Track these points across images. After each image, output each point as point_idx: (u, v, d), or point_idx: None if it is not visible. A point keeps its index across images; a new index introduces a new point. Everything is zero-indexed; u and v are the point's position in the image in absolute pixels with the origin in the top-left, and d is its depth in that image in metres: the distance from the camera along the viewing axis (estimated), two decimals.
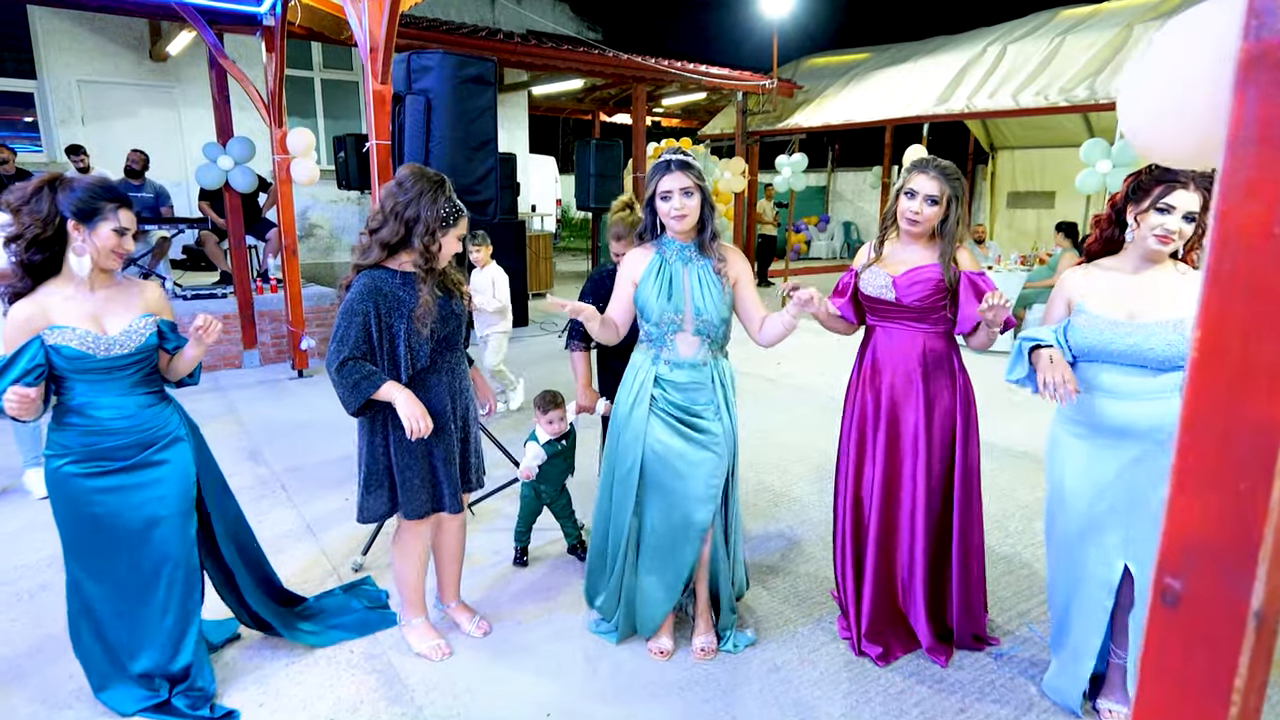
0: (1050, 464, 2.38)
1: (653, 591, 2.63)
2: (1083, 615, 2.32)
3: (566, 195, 17.71)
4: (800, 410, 5.59)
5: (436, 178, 2.36)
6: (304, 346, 6.23)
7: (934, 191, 2.43)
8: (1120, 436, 2.16)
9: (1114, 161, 6.17)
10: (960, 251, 2.52)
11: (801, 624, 2.90)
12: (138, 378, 2.23)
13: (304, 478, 4.20)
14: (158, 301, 2.32)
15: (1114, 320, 2.11)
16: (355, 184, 6.98)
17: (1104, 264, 2.24)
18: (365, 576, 3.12)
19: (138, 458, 2.23)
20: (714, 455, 2.51)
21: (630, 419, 2.54)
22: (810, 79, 10.44)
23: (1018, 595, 3.13)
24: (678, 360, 2.50)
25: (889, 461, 2.61)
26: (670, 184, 2.40)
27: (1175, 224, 2.01)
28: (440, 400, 2.45)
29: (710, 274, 2.48)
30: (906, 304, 2.51)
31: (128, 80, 8.21)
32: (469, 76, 3.09)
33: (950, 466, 2.61)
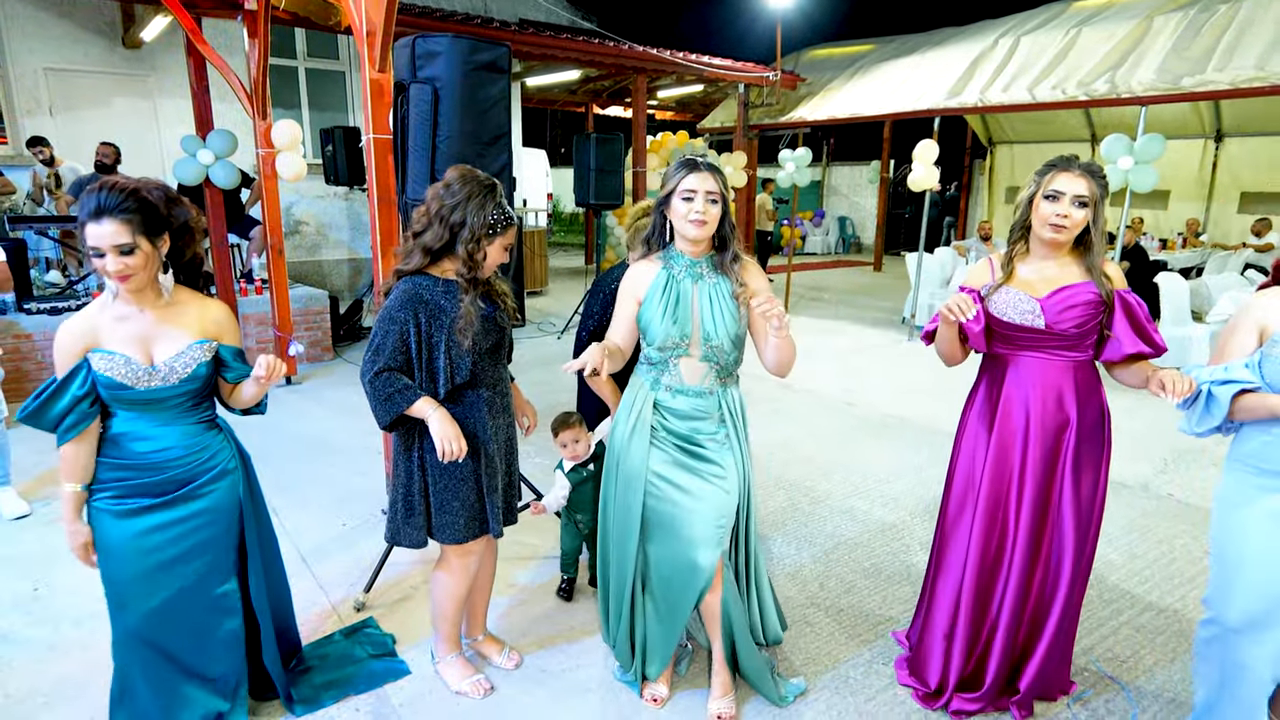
0: (1226, 523, 2.00)
1: (655, 636, 2.37)
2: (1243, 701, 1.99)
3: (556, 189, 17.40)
4: (819, 420, 5.33)
5: (488, 182, 2.16)
6: (292, 352, 5.89)
7: (1084, 191, 2.07)
8: None
9: (1136, 158, 5.95)
10: (1106, 264, 2.17)
11: (852, 666, 2.64)
12: (184, 408, 2.01)
13: (296, 500, 3.89)
14: (220, 324, 2.07)
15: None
16: (344, 179, 6.65)
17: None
18: (368, 618, 2.82)
19: (178, 493, 2.01)
20: (720, 491, 2.21)
21: (629, 449, 2.24)
22: (813, 71, 10.17)
23: (1081, 628, 2.89)
24: (680, 387, 2.20)
25: (1036, 515, 2.26)
26: (696, 184, 2.09)
27: None
28: (479, 419, 2.23)
29: (724, 295, 2.17)
30: (1060, 330, 2.15)
31: (99, 69, 7.79)
32: (481, 63, 2.79)
33: (1091, 509, 2.27)
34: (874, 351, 7.16)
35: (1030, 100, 7.00)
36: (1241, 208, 10.98)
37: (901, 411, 5.50)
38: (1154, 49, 6.41)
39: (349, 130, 6.59)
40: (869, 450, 4.75)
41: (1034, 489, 2.24)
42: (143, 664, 2.06)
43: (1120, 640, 2.83)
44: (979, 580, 2.33)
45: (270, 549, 2.31)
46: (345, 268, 9.32)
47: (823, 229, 17.14)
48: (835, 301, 10.34)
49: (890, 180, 14.37)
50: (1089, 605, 3.05)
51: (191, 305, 2.02)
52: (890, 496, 4.06)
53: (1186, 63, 6.12)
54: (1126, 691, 2.52)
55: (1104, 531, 3.66)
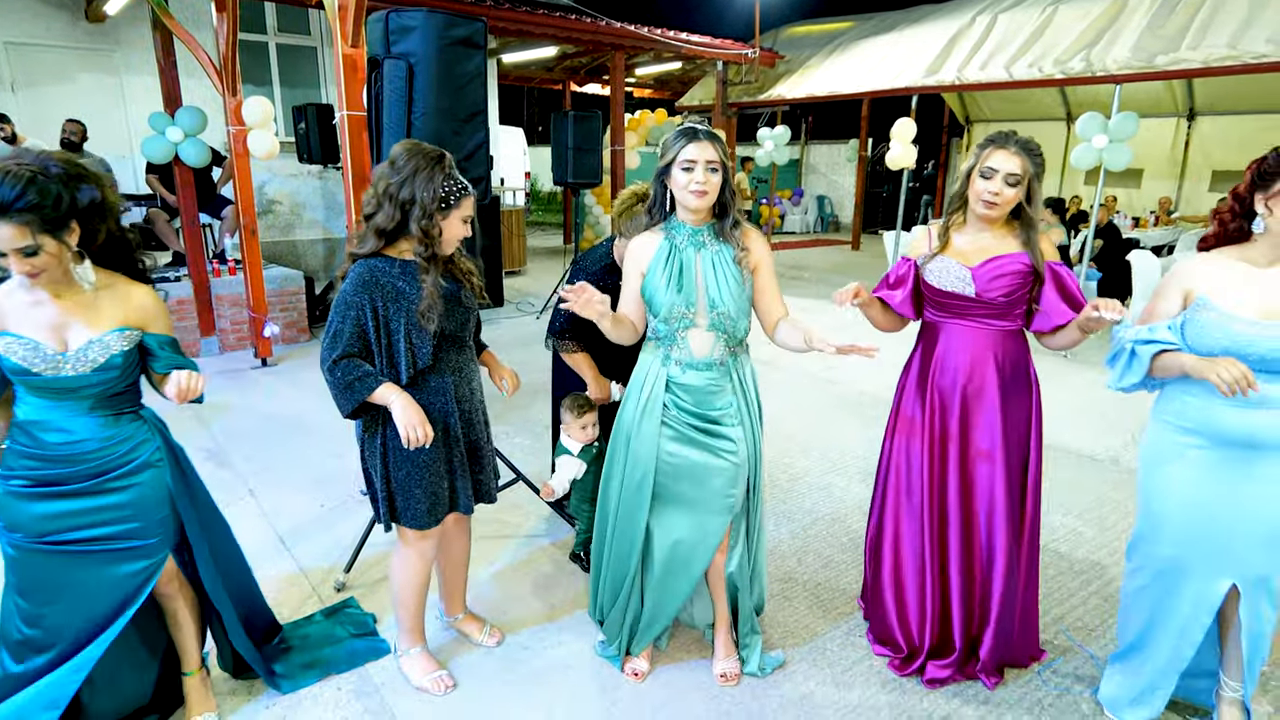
0: (1150, 478, 2.12)
1: (653, 609, 2.39)
2: (1171, 640, 2.11)
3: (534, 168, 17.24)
4: (800, 396, 5.38)
5: (434, 153, 2.08)
6: (267, 333, 5.81)
7: (1016, 169, 2.13)
8: (1247, 448, 1.92)
9: (1111, 136, 6.00)
10: (1043, 238, 2.24)
11: (829, 638, 2.69)
12: (100, 398, 1.87)
13: (274, 481, 3.86)
14: (145, 310, 1.91)
15: (1249, 319, 1.85)
16: (317, 157, 6.53)
17: (1229, 254, 1.97)
18: (348, 598, 2.82)
19: (89, 484, 1.88)
20: (731, 465, 2.23)
21: (640, 428, 2.25)
22: (791, 48, 10.13)
23: (1051, 599, 2.96)
24: (690, 360, 2.20)
25: (964, 476, 2.35)
26: (695, 153, 2.08)
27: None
28: (444, 403, 2.19)
29: (727, 262, 2.18)
30: (989, 299, 2.22)
31: (61, 43, 7.56)
32: (457, 38, 2.74)
33: (1025, 473, 2.35)
34: (852, 329, 7.21)
35: (1007, 78, 7.03)
36: (1213, 186, 11.15)
37: (879, 389, 5.55)
38: (1129, 27, 6.45)
39: (322, 107, 6.47)
40: (848, 427, 4.80)
41: (958, 452, 2.33)
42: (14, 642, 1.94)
43: (1090, 610, 2.90)
44: (918, 543, 2.43)
45: (219, 536, 2.23)
46: (320, 248, 9.20)
47: (801, 208, 17.15)
48: (814, 280, 10.37)
49: (868, 159, 14.39)
50: (1060, 576, 3.12)
51: (115, 291, 1.87)
52: (868, 472, 4.10)
53: (1161, 41, 6.17)
54: (1095, 659, 2.59)
55: (1074, 504, 3.76)
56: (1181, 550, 2.05)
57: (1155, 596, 2.14)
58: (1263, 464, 1.92)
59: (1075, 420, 4.93)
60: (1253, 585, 1.99)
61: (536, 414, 4.86)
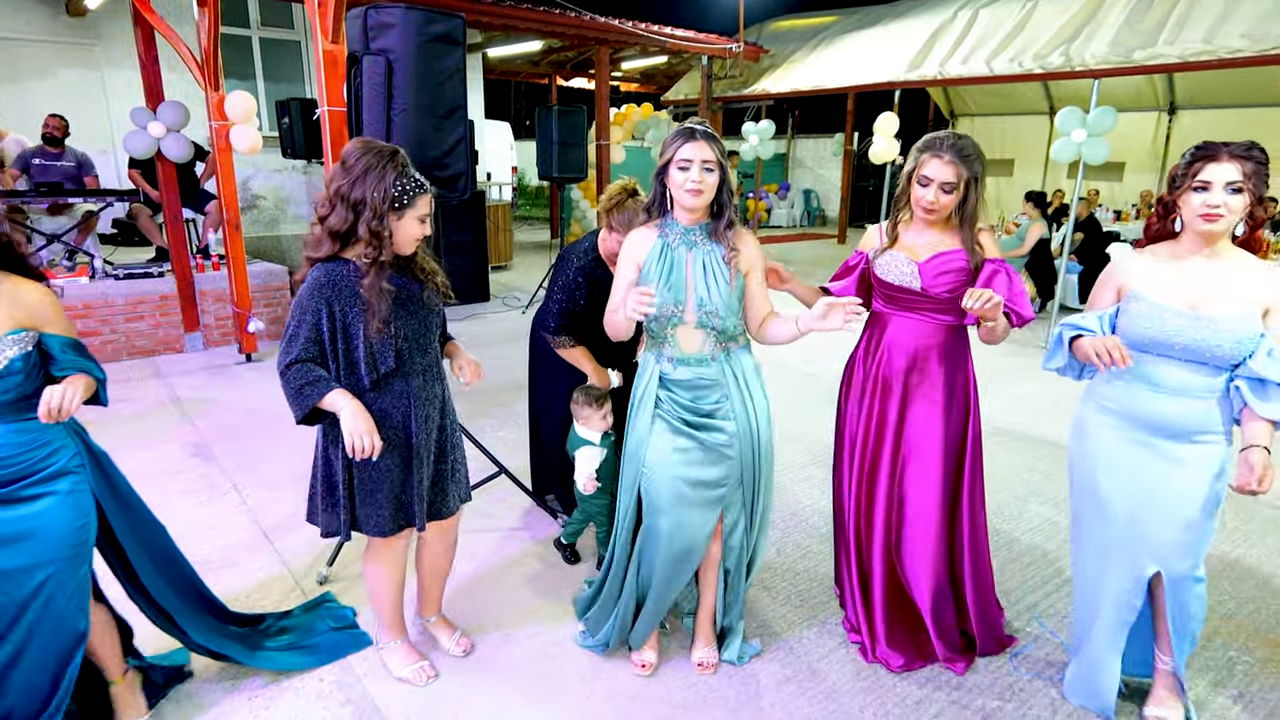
0: (1078, 452, 2.25)
1: (649, 603, 2.42)
2: (1107, 618, 2.21)
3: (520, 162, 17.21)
4: (781, 389, 5.41)
5: (386, 150, 2.03)
6: (251, 329, 5.81)
7: (950, 178, 2.20)
8: (1154, 432, 2.04)
9: (1089, 131, 6.07)
10: (983, 234, 2.32)
11: (806, 628, 2.74)
12: (4, 406, 1.78)
13: (258, 477, 3.88)
14: (36, 311, 1.81)
15: (1174, 310, 1.95)
16: (301, 152, 6.50)
17: (1159, 250, 2.08)
18: (325, 593, 2.82)
19: (4, 491, 1.80)
20: (725, 459, 2.27)
21: (635, 424, 2.31)
22: (776, 42, 10.15)
23: (1024, 586, 3.03)
24: (681, 357, 2.24)
25: (901, 458, 2.44)
26: (692, 153, 2.10)
27: (1218, 198, 1.87)
28: (406, 409, 2.15)
29: (717, 261, 2.20)
30: (934, 294, 2.30)
31: (42, 37, 7.50)
32: (435, 34, 2.75)
33: (960, 461, 2.45)
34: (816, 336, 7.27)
35: (988, 73, 7.08)
36: None
37: None
38: (1107, 22, 6.51)
39: (306, 102, 6.44)
40: (828, 418, 4.84)
41: (895, 439, 2.42)
42: None
43: (1063, 597, 2.96)
44: (865, 532, 2.52)
45: (155, 539, 2.17)
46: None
47: (788, 201, 17.20)
48: (799, 273, 10.43)
49: (854, 153, 14.45)
50: (1034, 565, 3.18)
51: (1, 291, 1.77)
52: None
53: (1138, 36, 6.23)
54: (1066, 646, 2.65)
55: (1049, 495, 3.83)
56: (1107, 528, 2.15)
57: (1092, 576, 2.23)
58: (1174, 450, 2.01)
59: (1051, 413, 5.00)
60: (1172, 573, 2.07)
61: (522, 408, 4.88)
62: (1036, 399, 5.26)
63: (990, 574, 2.60)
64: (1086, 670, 2.31)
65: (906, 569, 2.50)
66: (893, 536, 2.49)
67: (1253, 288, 1.90)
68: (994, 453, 4.32)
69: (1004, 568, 3.14)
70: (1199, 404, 1.96)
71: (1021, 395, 5.35)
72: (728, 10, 10.02)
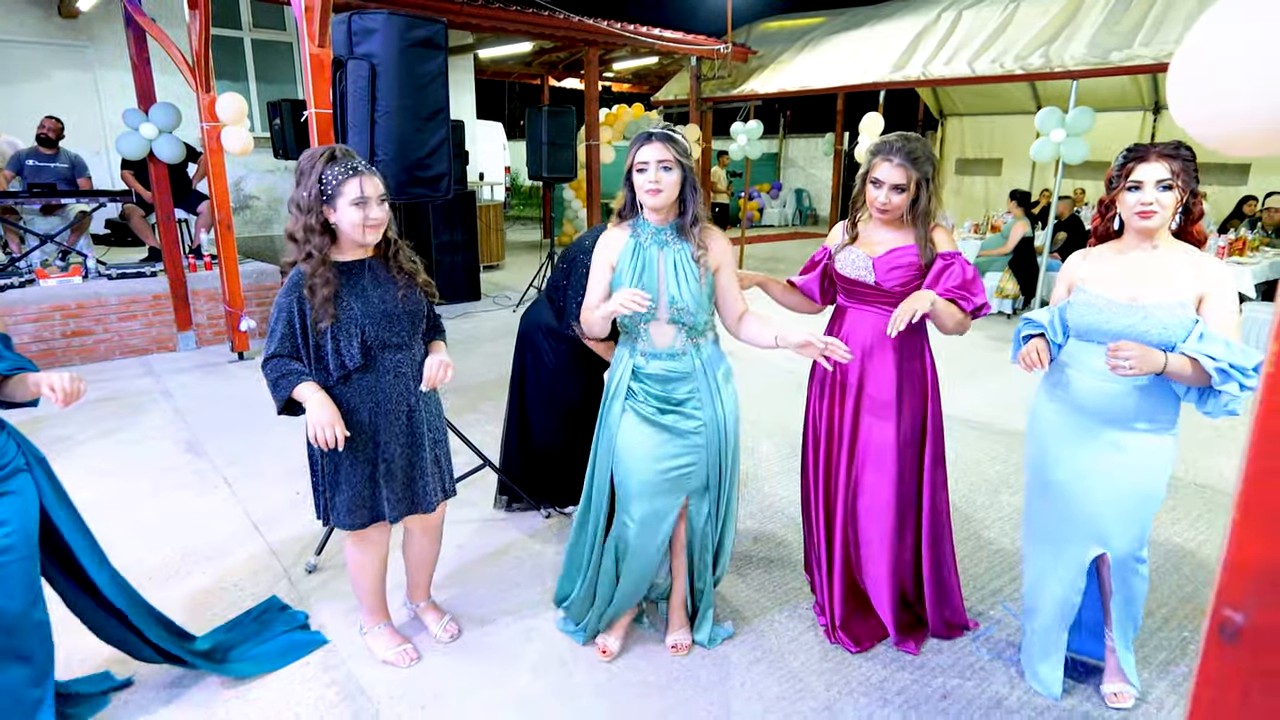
0: (1030, 437, 2.38)
1: (623, 588, 2.51)
2: (1056, 600, 2.31)
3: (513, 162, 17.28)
4: (760, 384, 5.52)
5: (322, 152, 2.11)
6: (244, 327, 5.89)
7: (900, 180, 2.31)
8: (1097, 418, 2.15)
9: (1068, 130, 6.18)
10: (936, 231, 2.42)
11: (778, 612, 2.84)
12: None
13: (248, 471, 3.96)
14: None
15: (1112, 300, 2.08)
16: (293, 153, 6.58)
17: (1105, 248, 2.20)
18: (272, 596, 2.80)
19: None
20: (692, 445, 2.37)
21: (608, 414, 2.41)
22: (764, 43, 10.25)
23: (990, 572, 3.13)
24: (653, 351, 2.34)
25: (860, 449, 2.54)
26: (647, 155, 2.21)
27: (1150, 195, 1.99)
28: (373, 404, 2.23)
29: (687, 259, 2.30)
30: (886, 288, 2.42)
31: (35, 39, 7.57)
32: (418, 39, 2.84)
33: (920, 452, 2.55)
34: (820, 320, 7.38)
35: (970, 74, 7.19)
36: None
37: None
38: (1086, 24, 6.63)
39: (297, 103, 6.53)
40: None
41: (852, 429, 2.53)
42: None
43: None
44: (825, 519, 2.63)
45: (94, 542, 2.15)
46: None
47: (780, 201, 17.31)
48: (788, 272, 10.54)
49: (844, 152, 14.56)
50: (1001, 552, 3.28)
51: None
52: None
53: (1115, 37, 6.35)
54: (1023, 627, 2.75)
55: (1019, 486, 3.93)
56: (1053, 511, 2.27)
57: (1040, 557, 2.34)
58: (1118, 434, 2.12)
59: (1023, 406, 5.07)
60: (1117, 548, 2.18)
61: None
62: (1010, 392, 5.37)
63: (952, 560, 2.69)
64: (1035, 651, 2.41)
65: (862, 557, 2.60)
66: (850, 525, 2.59)
67: (1188, 277, 2.00)
68: (969, 444, 4.43)
69: (972, 555, 3.24)
70: (1134, 393, 2.07)
71: (998, 389, 5.46)
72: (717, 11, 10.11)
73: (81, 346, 5.77)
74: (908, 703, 2.38)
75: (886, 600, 2.58)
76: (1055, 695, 2.37)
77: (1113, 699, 2.35)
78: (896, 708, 2.36)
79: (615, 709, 2.34)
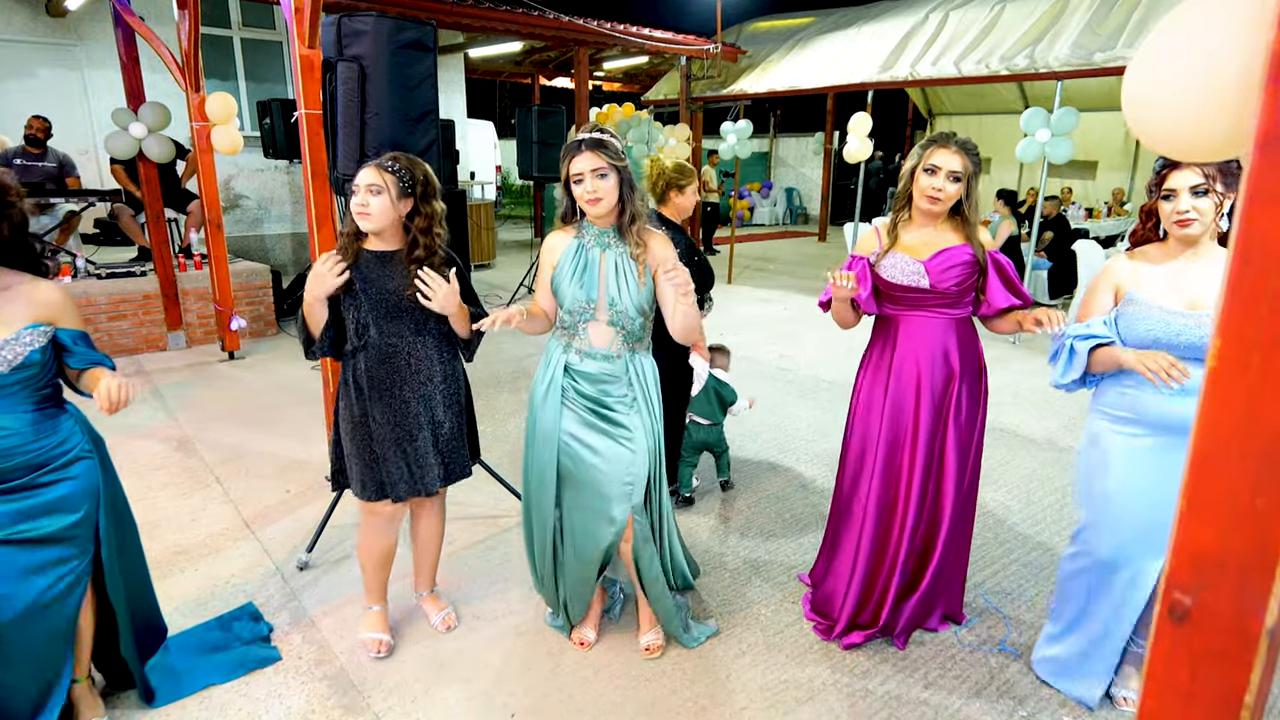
0: (1089, 463, 2.25)
1: (577, 583, 2.53)
2: (1112, 617, 2.25)
3: (505, 161, 17.28)
4: (753, 384, 5.56)
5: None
6: (234, 326, 5.90)
7: (957, 167, 2.30)
8: (1166, 432, 2.06)
9: (1053, 131, 6.25)
10: (980, 230, 2.42)
11: (764, 606, 2.88)
12: (22, 395, 1.91)
13: (240, 469, 3.98)
14: (54, 306, 1.95)
15: (1174, 310, 2.01)
16: (283, 152, 6.61)
17: (1149, 252, 2.14)
18: (247, 604, 2.81)
19: (25, 479, 1.92)
20: (628, 451, 2.36)
21: (544, 409, 2.40)
22: (754, 43, 10.30)
23: (974, 565, 3.15)
24: (589, 350, 2.35)
25: (922, 459, 2.47)
26: (581, 166, 2.22)
27: (1185, 203, 1.97)
28: (370, 384, 2.35)
29: (629, 262, 2.32)
30: (942, 289, 2.37)
31: (21, 37, 7.54)
32: (407, 41, 2.87)
33: (966, 458, 2.51)
34: (811, 319, 7.43)
35: (957, 74, 7.26)
36: None
37: (831, 374, 5.77)
38: (1070, 26, 6.70)
39: (287, 102, 6.54)
40: (798, 411, 5.00)
41: (926, 438, 2.46)
42: None
43: (1009, 576, 3.12)
44: (878, 528, 2.56)
45: (127, 535, 2.24)
46: (289, 242, 9.24)
47: (770, 200, 17.37)
48: (779, 271, 10.60)
49: (834, 151, 14.63)
50: (985, 546, 3.34)
51: (21, 289, 1.91)
52: (814, 454, 4.31)
53: (1099, 39, 6.42)
54: (1006, 619, 2.81)
55: (1005, 480, 4.00)
56: (1122, 538, 2.17)
57: (1095, 579, 2.27)
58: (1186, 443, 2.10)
59: (1016, 403, 5.17)
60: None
61: (502, 403, 5.02)
62: (1000, 391, 5.43)
63: (967, 560, 2.72)
64: (1083, 665, 2.35)
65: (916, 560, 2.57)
66: (915, 530, 2.52)
67: None
68: None
69: None
70: None
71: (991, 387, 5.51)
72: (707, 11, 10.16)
73: None
74: (891, 692, 2.43)
75: (919, 599, 2.57)
76: (1093, 706, 2.34)
77: (1122, 703, 2.34)
78: (880, 698, 2.41)
79: (603, 700, 2.38)
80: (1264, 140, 0.68)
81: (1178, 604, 0.80)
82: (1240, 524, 0.74)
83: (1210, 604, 0.77)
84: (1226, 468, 0.74)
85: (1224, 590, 0.76)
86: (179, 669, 2.44)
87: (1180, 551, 0.80)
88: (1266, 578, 0.73)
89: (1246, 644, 0.75)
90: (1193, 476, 0.77)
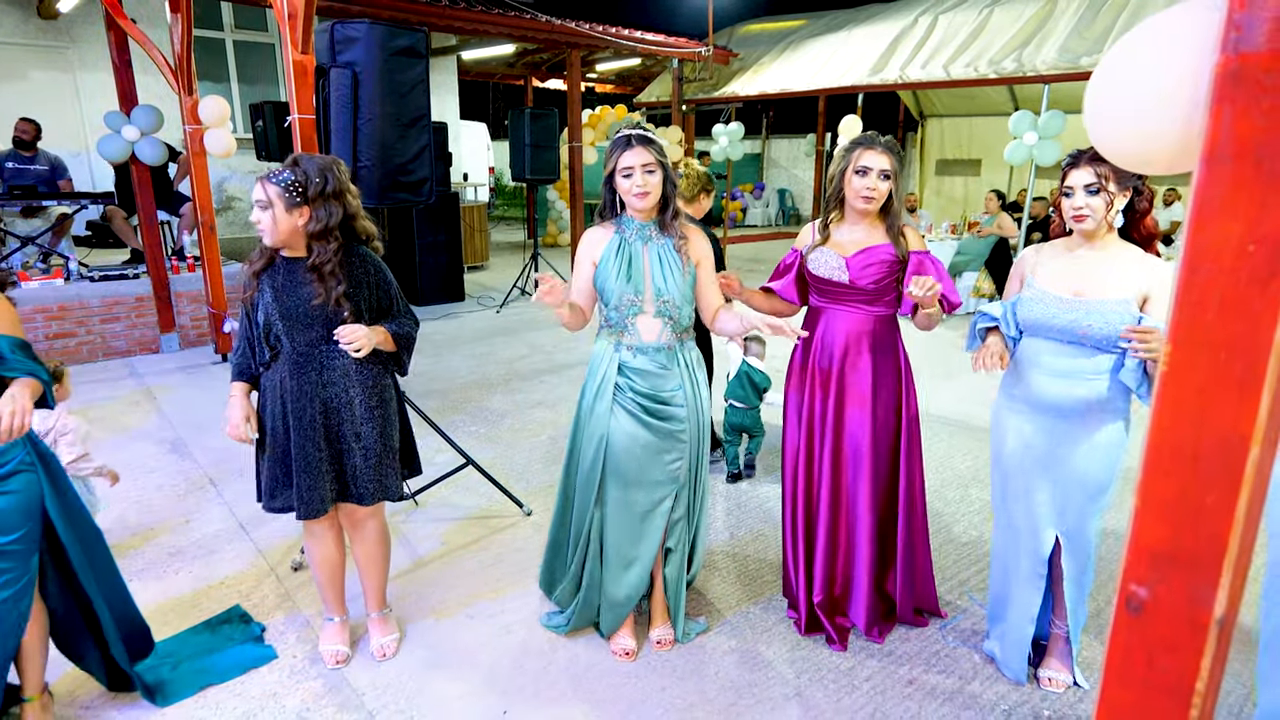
0: (993, 436, 2.47)
1: (616, 589, 2.54)
2: (1019, 588, 2.41)
3: (498, 163, 17.30)
4: None
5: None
6: (227, 329, 5.92)
7: (887, 166, 2.40)
8: (1055, 415, 2.23)
9: (1040, 133, 6.32)
10: (907, 230, 2.51)
11: (752, 604, 2.92)
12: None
13: (234, 471, 4.01)
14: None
15: (1058, 296, 2.17)
16: (276, 154, 6.63)
17: (1057, 244, 2.29)
18: (235, 606, 2.83)
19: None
20: (679, 443, 2.45)
21: (594, 412, 2.45)
22: (745, 46, 10.36)
23: (958, 564, 3.23)
24: (640, 345, 2.41)
25: (840, 445, 2.60)
26: (631, 160, 2.30)
27: (1080, 200, 2.11)
28: (282, 397, 2.32)
29: (671, 253, 2.40)
30: (861, 285, 2.48)
31: (13, 40, 7.54)
32: (399, 48, 2.91)
33: (895, 445, 2.63)
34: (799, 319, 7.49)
35: (945, 77, 7.33)
36: (1154, 179, 11.61)
37: None
38: (1057, 29, 6.78)
39: (279, 105, 6.56)
40: None
41: (833, 425, 2.58)
42: None
43: None
44: (804, 515, 2.68)
45: (93, 544, 2.17)
46: None
47: (763, 201, 17.44)
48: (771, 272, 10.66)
49: (826, 153, 14.69)
50: (969, 544, 3.39)
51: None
52: None
53: (1086, 42, 6.49)
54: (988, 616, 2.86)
55: (989, 481, 4.04)
56: (1016, 505, 2.36)
57: (1006, 549, 2.44)
58: (1068, 427, 2.22)
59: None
60: (1070, 536, 2.28)
61: (495, 404, 5.04)
62: (983, 390, 5.49)
63: (925, 549, 2.78)
64: (1003, 637, 2.51)
65: (841, 548, 2.67)
66: (833, 517, 2.64)
67: (1131, 276, 2.10)
68: (941, 440, 4.54)
69: (942, 547, 3.34)
70: (1083, 387, 2.16)
71: (972, 387, 5.57)
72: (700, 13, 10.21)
73: (64, 349, 5.78)
74: (875, 689, 2.48)
75: (864, 590, 2.66)
76: (1023, 680, 2.47)
77: (1046, 683, 2.45)
78: (864, 693, 2.46)
79: (593, 697, 2.42)
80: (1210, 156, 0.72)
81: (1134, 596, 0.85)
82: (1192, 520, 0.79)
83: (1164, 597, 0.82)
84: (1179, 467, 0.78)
85: (1176, 583, 0.81)
86: (179, 670, 2.46)
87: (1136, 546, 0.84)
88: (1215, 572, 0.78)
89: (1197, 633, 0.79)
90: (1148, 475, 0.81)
